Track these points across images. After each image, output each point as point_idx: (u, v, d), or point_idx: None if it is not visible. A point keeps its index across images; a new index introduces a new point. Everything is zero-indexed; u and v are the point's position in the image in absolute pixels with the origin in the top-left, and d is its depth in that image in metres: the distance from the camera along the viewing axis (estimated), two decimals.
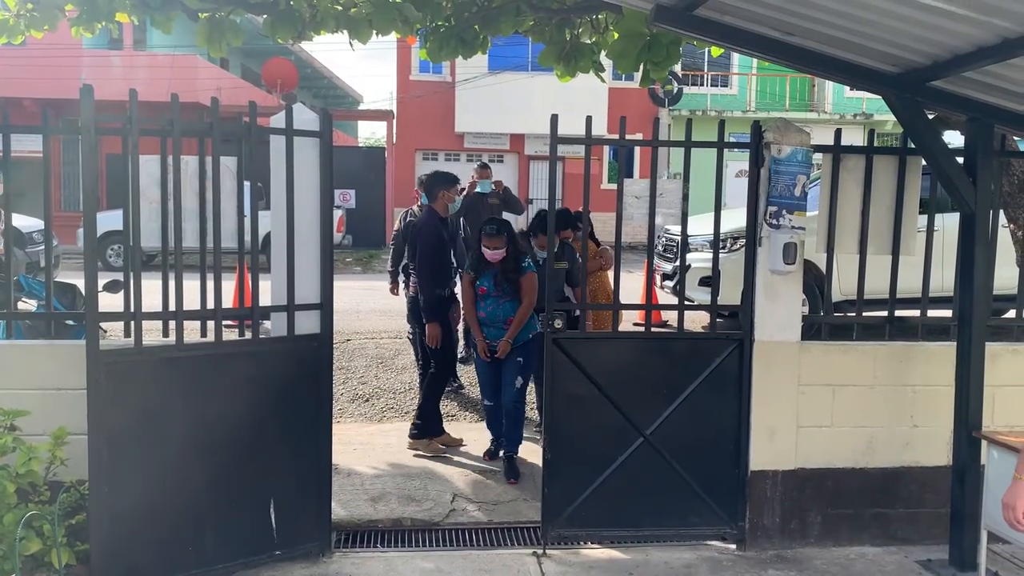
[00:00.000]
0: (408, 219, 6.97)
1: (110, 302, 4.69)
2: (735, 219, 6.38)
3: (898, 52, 3.94)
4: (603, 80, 7.20)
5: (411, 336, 6.96)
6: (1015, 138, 5.25)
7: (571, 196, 8.79)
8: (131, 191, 3.84)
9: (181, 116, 3.91)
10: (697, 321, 8.63)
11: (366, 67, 77.06)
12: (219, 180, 4.01)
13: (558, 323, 4.52)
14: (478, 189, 7.97)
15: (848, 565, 4.45)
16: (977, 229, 4.31)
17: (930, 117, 5.07)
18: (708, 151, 4.55)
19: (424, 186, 6.20)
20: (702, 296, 7.93)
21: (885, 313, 4.80)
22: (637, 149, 20.62)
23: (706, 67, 23.83)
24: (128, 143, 3.80)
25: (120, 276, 4.44)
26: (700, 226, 7.46)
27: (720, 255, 4.87)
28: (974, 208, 4.29)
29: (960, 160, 4.39)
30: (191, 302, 4.04)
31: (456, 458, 5.86)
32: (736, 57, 22.70)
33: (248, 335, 4.21)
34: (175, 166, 3.91)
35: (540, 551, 4.47)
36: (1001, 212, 5.39)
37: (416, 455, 5.84)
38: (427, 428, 5.99)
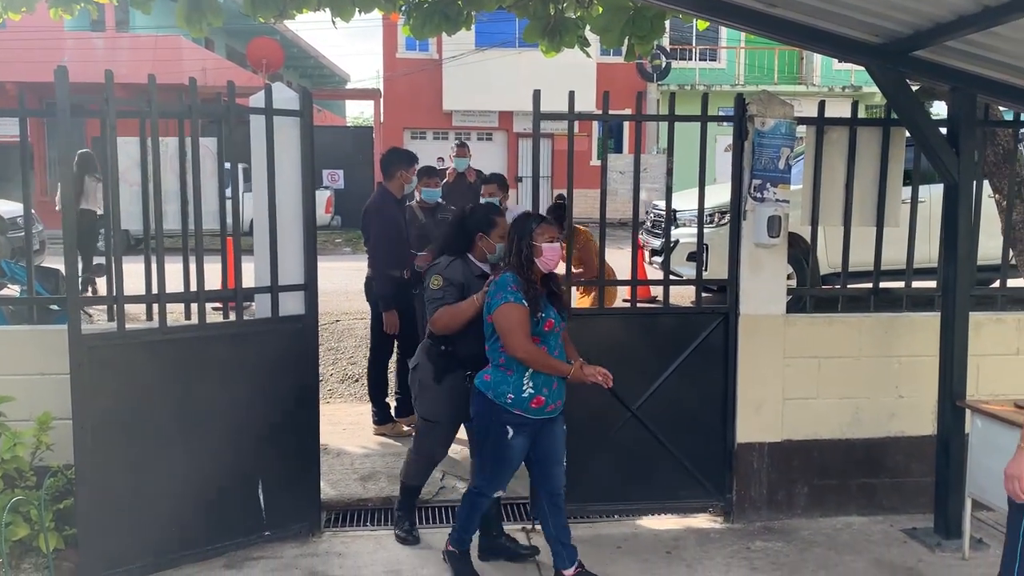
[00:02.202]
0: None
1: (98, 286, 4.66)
2: (722, 194, 6.37)
3: (880, 22, 3.93)
4: (588, 55, 7.15)
5: None
6: (1000, 108, 5.25)
7: (560, 173, 8.76)
8: (110, 173, 3.82)
9: (162, 98, 3.88)
10: (687, 296, 8.64)
11: (353, 46, 76.43)
12: (199, 161, 3.97)
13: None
14: (455, 167, 7.89)
15: (835, 535, 4.49)
16: (960, 199, 4.32)
17: (916, 88, 5.08)
18: (697, 126, 4.52)
19: (381, 163, 5.89)
20: (691, 271, 7.94)
21: (870, 285, 4.81)
22: (626, 125, 20.56)
23: (694, 41, 23.72)
24: (106, 125, 3.77)
25: (104, 260, 4.42)
26: (688, 201, 7.45)
27: (708, 230, 4.90)
28: (957, 178, 4.29)
29: (943, 130, 4.39)
30: (175, 285, 4.02)
31: None
32: (724, 31, 22.60)
33: (232, 317, 4.19)
34: (154, 148, 3.88)
35: (529, 526, 4.49)
36: (986, 182, 5.41)
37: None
38: (387, 413, 5.94)
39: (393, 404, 6.03)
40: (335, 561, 4.11)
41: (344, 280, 10.59)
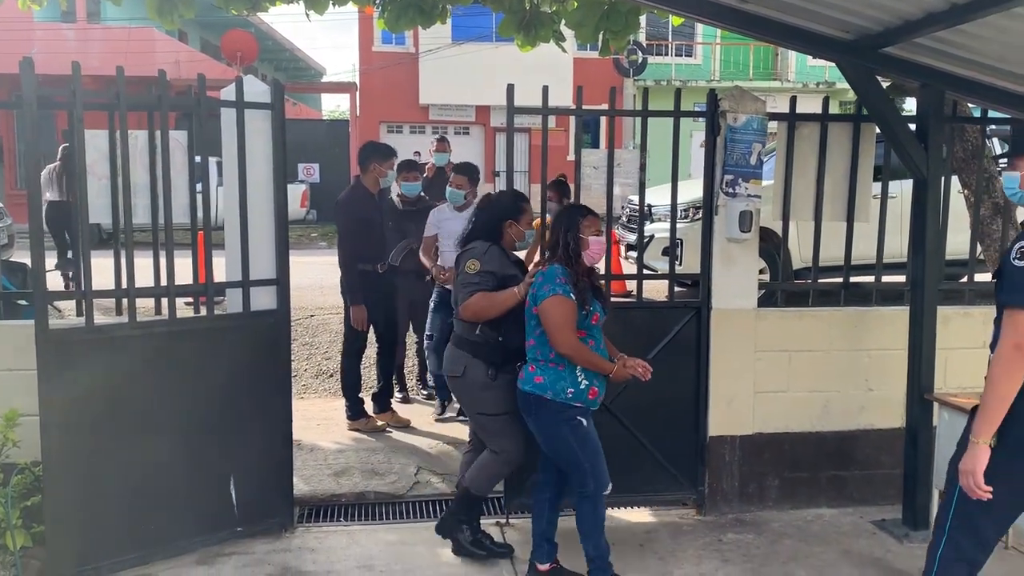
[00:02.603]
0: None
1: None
2: (697, 189, 6.41)
3: (851, 19, 3.96)
4: (564, 50, 7.15)
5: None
6: (969, 104, 5.31)
7: (537, 167, 8.77)
8: (78, 166, 3.76)
9: (133, 90, 3.83)
10: (662, 291, 8.67)
11: (329, 39, 75.90)
12: (169, 154, 3.93)
13: None
14: (434, 162, 7.77)
15: (805, 527, 4.54)
16: (929, 194, 4.37)
17: (888, 85, 5.13)
18: (673, 122, 4.53)
19: (357, 156, 5.87)
20: (666, 266, 7.96)
21: (841, 279, 4.86)
22: (603, 120, 20.61)
23: (670, 37, 23.79)
24: (73, 117, 3.72)
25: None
26: (663, 196, 7.48)
27: (683, 225, 4.93)
28: (926, 174, 4.35)
29: (913, 127, 4.44)
30: (146, 280, 3.98)
31: (422, 431, 5.87)
32: (700, 27, 22.69)
33: (204, 312, 4.16)
34: (123, 140, 3.83)
35: (503, 520, 4.50)
36: (955, 178, 5.47)
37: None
38: (360, 408, 5.91)
39: (369, 399, 6.01)
40: (308, 556, 4.09)
41: (319, 275, 10.53)
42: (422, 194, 6.28)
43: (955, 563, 2.85)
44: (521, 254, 4.74)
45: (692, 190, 6.56)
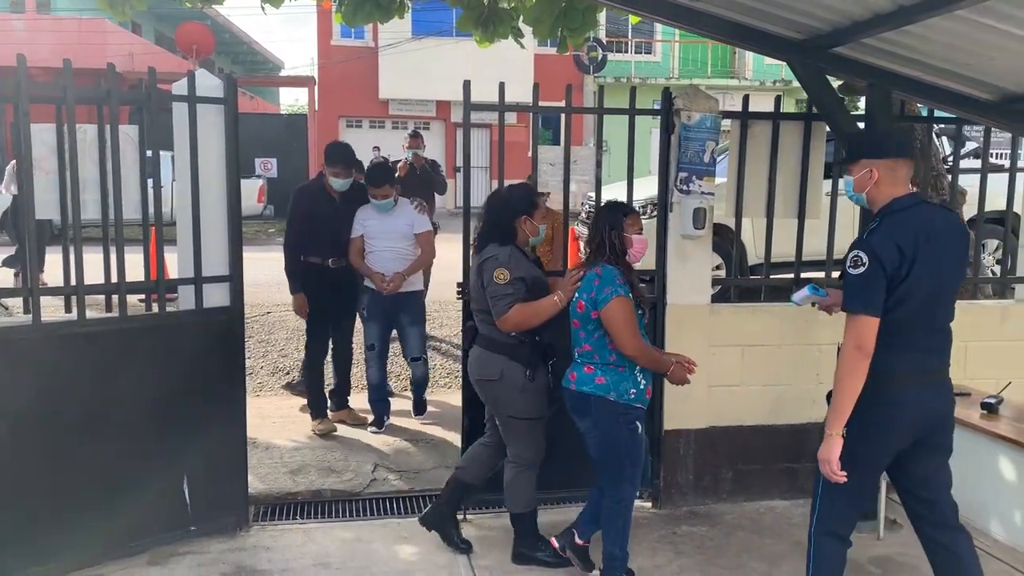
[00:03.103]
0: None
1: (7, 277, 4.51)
2: (654, 186, 6.48)
3: (802, 19, 4.03)
4: (523, 46, 7.18)
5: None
6: (917, 104, 5.44)
7: (497, 163, 8.77)
8: (25, 161, 3.69)
9: (82, 83, 3.75)
10: None
11: (287, 32, 75.08)
12: (119, 149, 3.86)
13: None
14: (406, 158, 7.58)
15: (758, 519, 4.62)
16: None
17: (840, 84, 5.23)
18: (628, 119, 4.56)
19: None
20: None
21: (792, 275, 4.94)
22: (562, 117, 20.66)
23: (630, 34, 23.94)
24: (18, 111, 3.64)
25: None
26: (622, 193, 7.52)
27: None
28: None
29: (862, 125, 4.52)
30: (96, 276, 3.91)
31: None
32: (660, 25, 22.86)
33: (156, 309, 4.10)
34: (71, 134, 3.76)
35: (461, 516, 4.51)
36: None
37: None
38: (319, 405, 5.81)
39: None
40: (263, 555, 4.06)
41: (276, 271, 10.34)
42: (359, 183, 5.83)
43: (825, 537, 3.24)
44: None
45: (649, 187, 6.62)
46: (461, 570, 3.96)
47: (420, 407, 6.10)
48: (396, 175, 6.58)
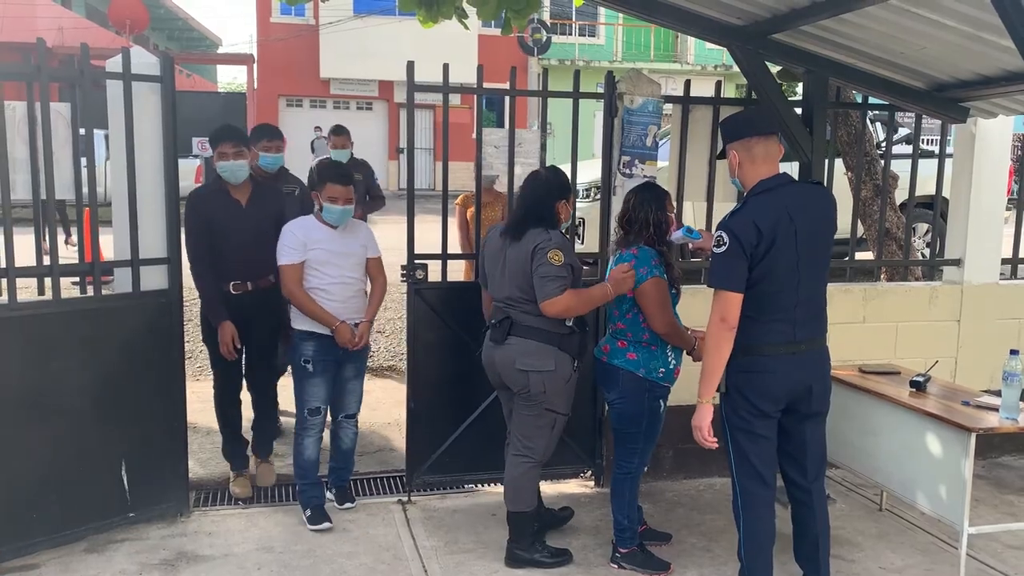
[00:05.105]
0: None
1: None
2: (598, 169, 6.53)
3: (742, 5, 4.09)
4: (467, 27, 7.12)
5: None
6: (853, 91, 5.56)
7: (441, 145, 8.71)
8: None
9: (9, 58, 3.62)
10: None
11: (225, 8, 73.21)
12: (50, 127, 3.75)
13: (419, 274, 4.51)
14: (332, 157, 5.96)
15: (697, 496, 4.73)
16: (813, 176, 4.57)
17: (780, 70, 5.31)
18: (572, 103, 4.58)
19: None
20: None
21: None
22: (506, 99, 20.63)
23: (574, 17, 23.97)
24: None
25: None
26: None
27: (584, 204, 4.98)
28: (810, 156, 4.54)
29: (799, 111, 4.62)
30: (29, 259, 3.79)
31: None
32: (603, 8, 22.95)
33: (91, 292, 4.00)
34: None
35: (405, 498, 4.53)
36: (840, 160, 5.73)
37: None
38: (236, 456, 4.64)
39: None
40: (205, 540, 4.02)
41: None
42: (285, 167, 5.20)
43: (750, 495, 3.32)
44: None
45: (593, 170, 6.67)
46: (407, 552, 3.98)
47: (346, 493, 4.48)
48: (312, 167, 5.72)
